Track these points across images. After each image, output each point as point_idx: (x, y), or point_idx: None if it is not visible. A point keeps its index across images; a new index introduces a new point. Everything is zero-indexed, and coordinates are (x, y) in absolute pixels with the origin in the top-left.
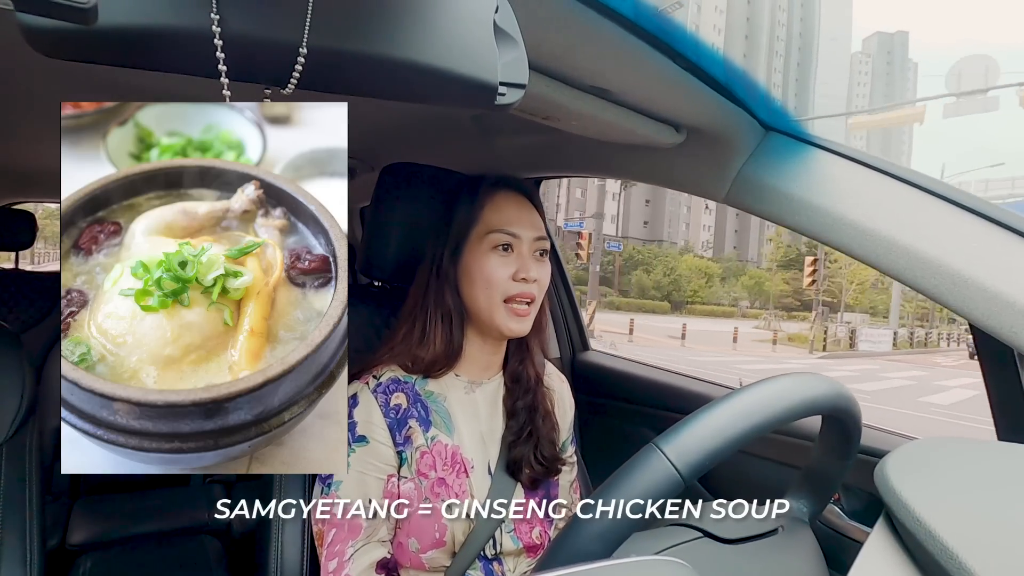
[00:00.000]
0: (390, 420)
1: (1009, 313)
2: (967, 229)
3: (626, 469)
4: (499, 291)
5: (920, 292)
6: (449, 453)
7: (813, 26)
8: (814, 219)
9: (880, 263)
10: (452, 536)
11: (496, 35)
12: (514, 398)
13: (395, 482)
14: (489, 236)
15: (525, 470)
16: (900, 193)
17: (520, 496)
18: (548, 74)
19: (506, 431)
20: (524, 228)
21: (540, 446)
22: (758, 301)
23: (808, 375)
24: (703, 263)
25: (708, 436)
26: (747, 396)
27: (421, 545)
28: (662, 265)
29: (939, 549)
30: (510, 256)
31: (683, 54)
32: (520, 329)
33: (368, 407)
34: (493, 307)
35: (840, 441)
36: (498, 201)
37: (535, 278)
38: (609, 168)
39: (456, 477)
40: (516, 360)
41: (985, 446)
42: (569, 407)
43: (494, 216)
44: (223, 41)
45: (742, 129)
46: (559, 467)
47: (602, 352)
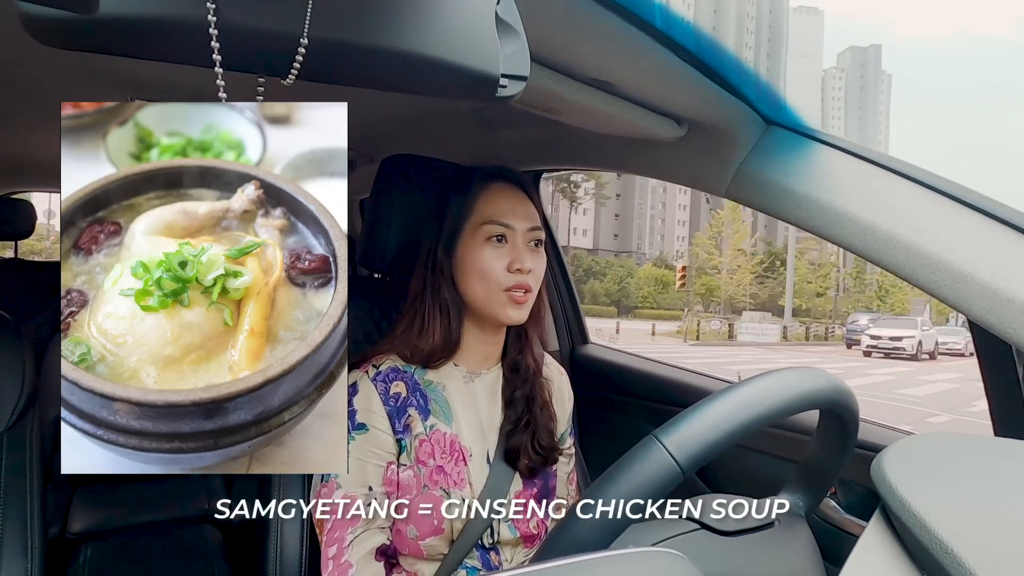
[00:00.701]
0: (389, 408)
1: (1008, 309)
2: (968, 225)
3: (626, 460)
4: (495, 282)
5: (920, 288)
6: (448, 441)
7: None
8: (814, 214)
9: (880, 258)
10: (450, 524)
11: (498, 27)
12: (512, 388)
13: (394, 469)
14: (483, 228)
15: (523, 459)
16: (901, 188)
17: (518, 485)
18: (549, 66)
19: (504, 420)
20: (518, 219)
21: (538, 435)
22: (712, 304)
23: (807, 369)
24: (660, 272)
25: (708, 428)
26: (747, 389)
27: (419, 532)
28: (613, 274)
29: (935, 543)
30: (504, 247)
31: (685, 47)
32: (519, 316)
33: (368, 395)
34: (491, 297)
35: (837, 436)
36: (491, 193)
37: (529, 268)
38: (610, 161)
39: (455, 465)
40: (515, 350)
41: (982, 441)
42: (568, 399)
43: (487, 208)
44: (219, 31)
45: (743, 123)
46: (556, 456)
47: (601, 346)
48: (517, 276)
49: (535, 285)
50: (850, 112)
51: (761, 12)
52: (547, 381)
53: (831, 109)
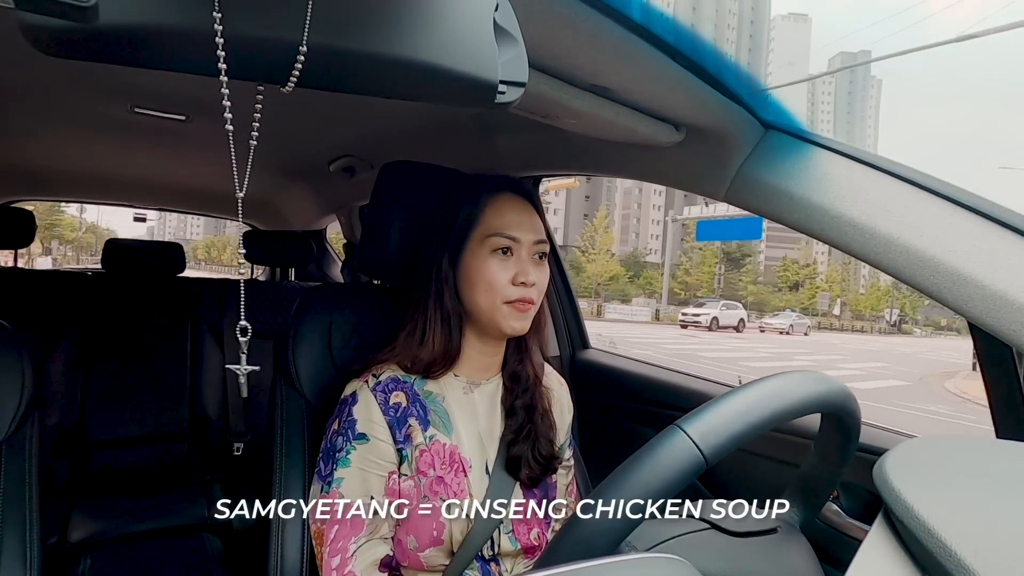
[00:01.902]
0: (390, 417)
1: (1008, 311)
2: (966, 227)
3: (648, 449)
4: (499, 295)
5: (919, 290)
6: (447, 452)
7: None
8: (813, 217)
9: (879, 261)
10: (450, 534)
11: (496, 33)
12: (513, 397)
13: (395, 479)
14: (489, 239)
15: (524, 469)
16: (900, 191)
17: (518, 496)
18: (548, 72)
19: (505, 430)
20: (524, 232)
21: (539, 444)
22: (655, 295)
23: (818, 374)
24: (613, 267)
25: (731, 420)
26: (767, 386)
27: (419, 543)
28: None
29: (938, 547)
30: (509, 260)
31: (683, 52)
32: (521, 327)
33: (367, 405)
34: (494, 308)
35: (840, 441)
36: (499, 204)
37: (534, 281)
38: (608, 166)
39: (455, 476)
40: (515, 360)
41: (984, 444)
42: (568, 409)
43: (495, 220)
44: (224, 39)
45: (742, 127)
46: (556, 466)
47: (601, 351)
48: (521, 289)
49: (538, 298)
50: (839, 119)
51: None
52: (547, 390)
53: (819, 115)
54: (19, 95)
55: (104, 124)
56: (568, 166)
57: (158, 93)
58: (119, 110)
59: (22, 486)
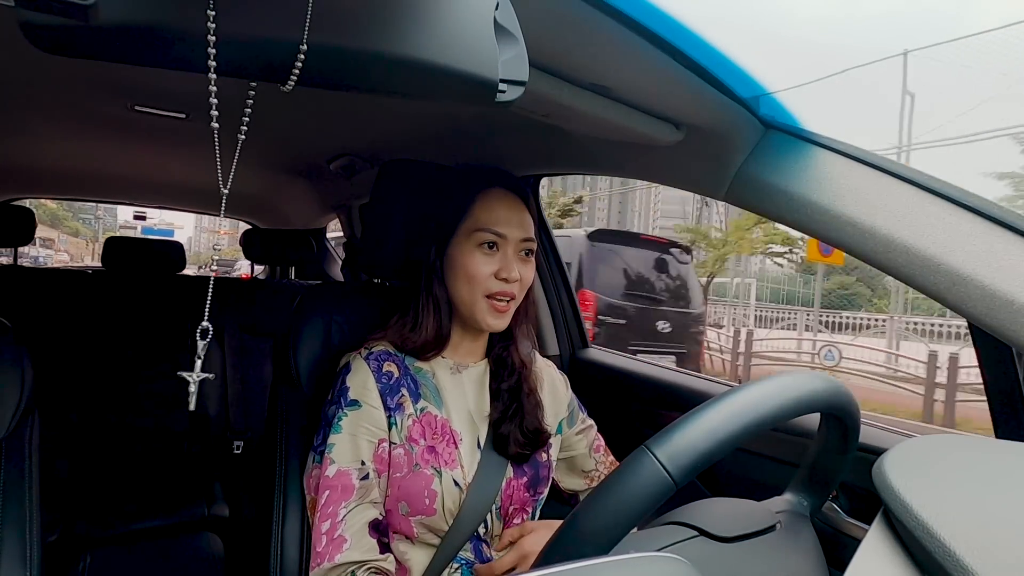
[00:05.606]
0: (382, 385)
1: (1008, 311)
2: (966, 227)
3: (618, 472)
4: (480, 287)
5: (919, 290)
6: (439, 424)
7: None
8: (813, 216)
9: (879, 260)
10: (442, 503)
11: (496, 32)
12: (498, 381)
13: (385, 447)
14: (476, 233)
15: (512, 446)
16: (900, 191)
17: (509, 474)
18: (548, 72)
19: (491, 411)
20: (512, 228)
21: (525, 422)
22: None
23: (806, 373)
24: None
25: (700, 438)
26: (740, 396)
27: (411, 508)
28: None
29: (937, 546)
30: (495, 255)
31: (683, 52)
32: (498, 325)
33: (361, 373)
34: (474, 301)
35: (838, 437)
36: (489, 199)
37: (517, 278)
38: (608, 166)
39: (446, 446)
40: (500, 347)
41: (984, 443)
42: (563, 387)
43: (483, 214)
44: (217, 37)
45: (741, 126)
46: (544, 441)
47: (601, 350)
48: (503, 284)
49: (520, 294)
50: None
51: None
52: (539, 372)
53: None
54: (19, 93)
55: (104, 122)
56: (568, 165)
57: (158, 91)
58: (119, 108)
59: (22, 484)
